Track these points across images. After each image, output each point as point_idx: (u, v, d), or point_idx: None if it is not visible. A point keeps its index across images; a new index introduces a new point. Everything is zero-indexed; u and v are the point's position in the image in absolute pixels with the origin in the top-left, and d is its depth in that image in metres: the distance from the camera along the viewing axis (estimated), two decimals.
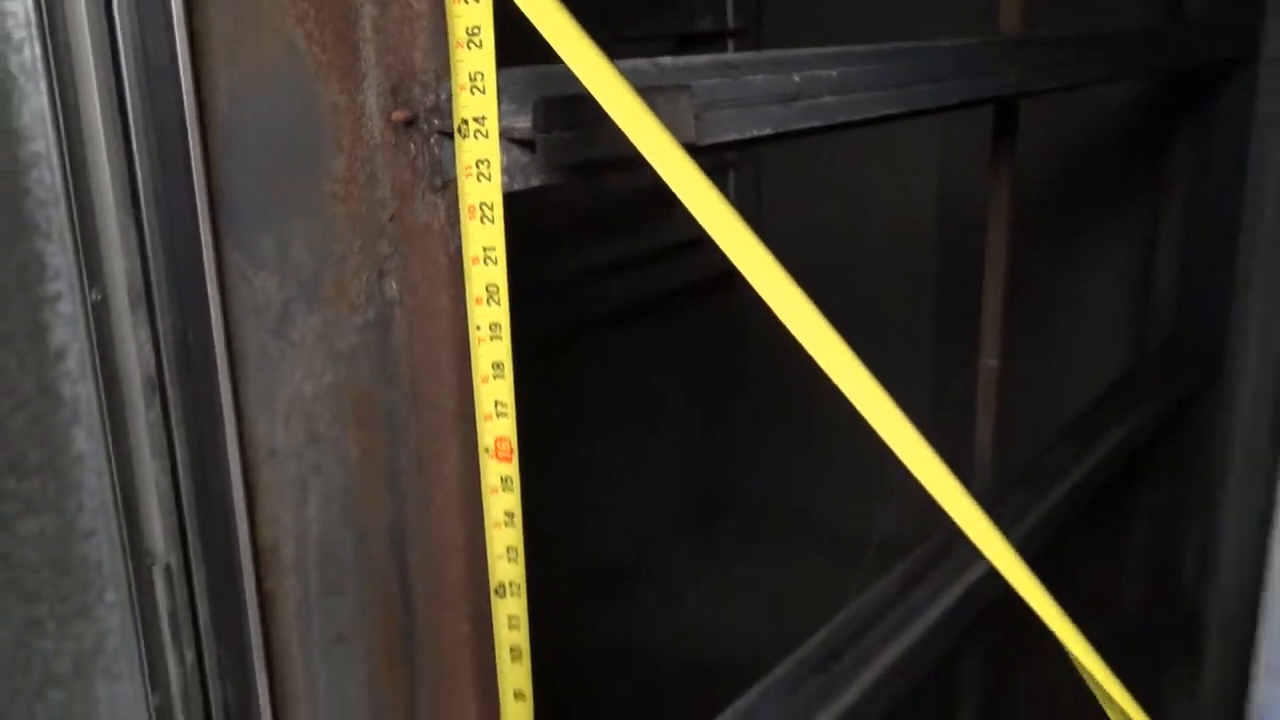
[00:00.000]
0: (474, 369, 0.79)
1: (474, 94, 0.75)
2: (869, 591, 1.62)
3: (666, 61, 0.98)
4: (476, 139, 0.75)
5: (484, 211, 0.78)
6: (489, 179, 0.77)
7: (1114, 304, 2.80)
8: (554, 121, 0.80)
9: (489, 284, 0.79)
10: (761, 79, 1.02)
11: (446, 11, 0.78)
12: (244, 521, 0.87)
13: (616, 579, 3.05)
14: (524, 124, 0.81)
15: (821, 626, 1.52)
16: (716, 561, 3.22)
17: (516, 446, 0.75)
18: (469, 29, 0.75)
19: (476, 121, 0.75)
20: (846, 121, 1.10)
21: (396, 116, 0.88)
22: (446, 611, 0.99)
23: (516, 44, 0.81)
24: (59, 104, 0.71)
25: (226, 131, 0.80)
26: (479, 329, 0.79)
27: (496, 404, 0.74)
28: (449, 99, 0.82)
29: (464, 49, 0.75)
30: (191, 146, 0.77)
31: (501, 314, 0.76)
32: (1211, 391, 2.59)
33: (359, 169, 0.89)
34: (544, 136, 0.80)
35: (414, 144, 0.88)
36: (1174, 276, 2.69)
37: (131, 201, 0.75)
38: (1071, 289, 2.79)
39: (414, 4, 0.85)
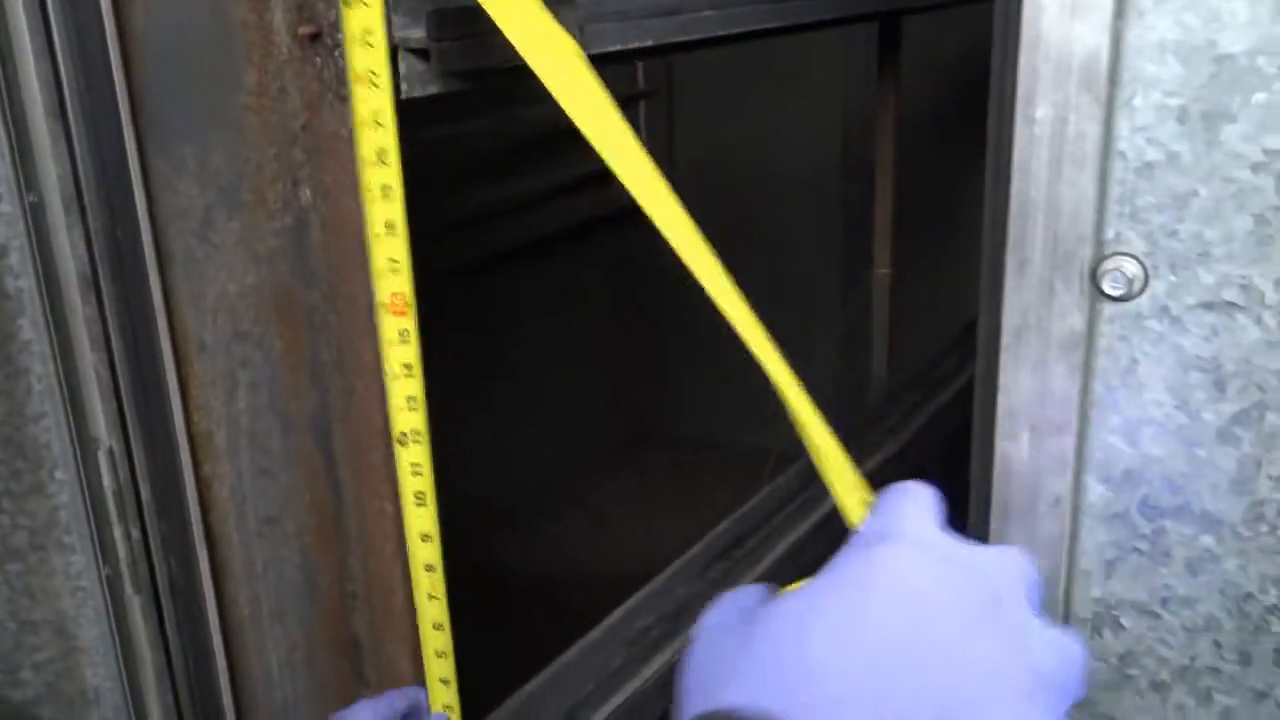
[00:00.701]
0: (369, 232, 0.86)
1: (360, 7, 0.82)
2: (769, 487, 1.73)
3: None
4: (365, 49, 0.83)
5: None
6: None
7: None
8: (446, 31, 0.88)
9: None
10: None
11: None
12: (179, 410, 0.95)
13: (537, 509, 3.15)
14: (418, 34, 0.89)
15: (725, 518, 1.64)
16: (639, 488, 3.33)
17: (413, 302, 0.84)
18: None
19: (365, 33, 0.83)
20: (726, 35, 1.19)
21: (302, 32, 0.95)
22: (371, 493, 1.08)
23: None
24: None
25: (145, 45, 0.87)
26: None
27: (390, 260, 0.82)
28: None
29: None
30: (113, 59, 0.84)
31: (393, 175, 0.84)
32: None
33: (270, 82, 0.96)
34: (436, 45, 0.88)
35: (319, 57, 0.96)
36: None
37: (59, 111, 0.82)
38: (966, 204, 2.91)
39: None
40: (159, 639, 0.94)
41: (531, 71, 0.92)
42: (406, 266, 0.82)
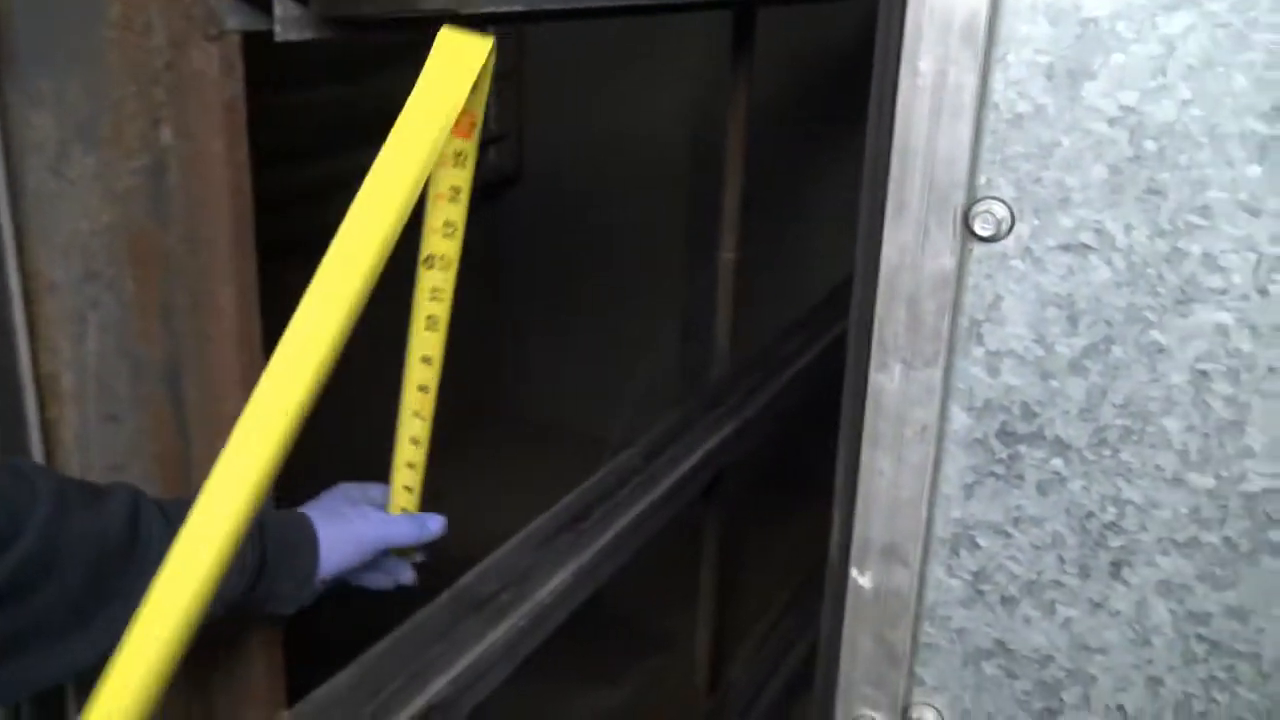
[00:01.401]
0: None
1: None
2: (613, 462, 1.76)
3: None
4: None
5: None
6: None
7: (848, 213, 3.05)
8: None
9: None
10: None
11: None
12: (25, 349, 0.91)
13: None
14: None
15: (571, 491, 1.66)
16: (475, 470, 3.32)
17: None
18: None
19: None
20: (588, 9, 1.21)
21: None
22: (222, 445, 1.06)
23: None
24: None
25: None
26: None
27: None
28: None
29: None
30: None
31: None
32: None
33: (135, 16, 0.93)
34: None
35: None
36: None
37: None
38: (811, 196, 3.02)
39: None
40: None
41: (406, 28, 0.93)
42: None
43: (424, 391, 1.10)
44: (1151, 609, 0.53)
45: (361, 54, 2.57)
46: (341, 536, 1.07)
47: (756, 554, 2.77)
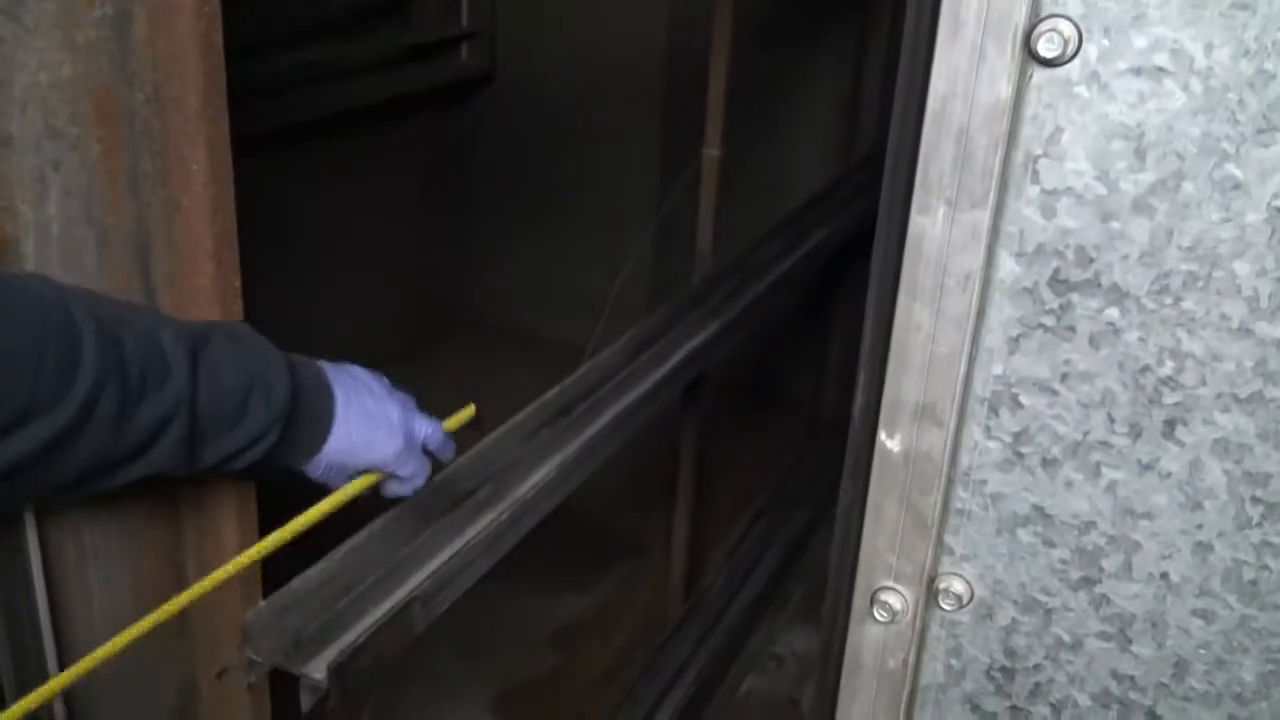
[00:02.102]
0: None
1: None
2: (597, 357, 1.72)
3: None
4: None
5: None
6: None
7: (827, 120, 2.99)
8: None
9: None
10: None
11: None
12: None
13: None
14: None
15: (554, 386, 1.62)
16: (448, 372, 3.28)
17: None
18: None
19: None
20: None
21: None
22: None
23: None
24: None
25: None
26: None
27: None
28: None
29: None
30: None
31: None
32: None
33: None
34: None
35: None
36: (877, 101, 2.89)
37: None
38: (792, 102, 2.96)
39: None
40: None
41: None
42: None
43: None
44: (1206, 470, 0.50)
45: None
46: (365, 411, 1.01)
47: (726, 467, 2.76)
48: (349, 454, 1.01)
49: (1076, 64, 0.47)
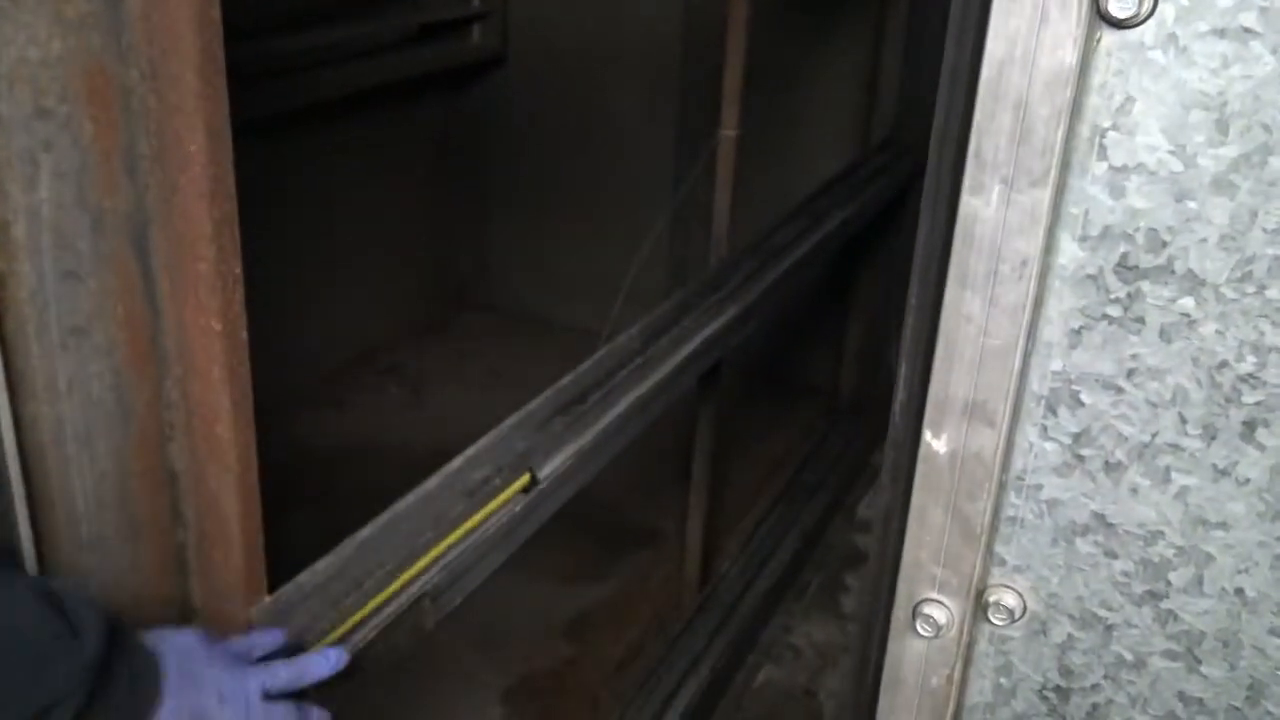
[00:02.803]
0: None
1: None
2: (610, 345, 1.68)
3: None
4: None
5: None
6: None
7: (845, 101, 2.93)
8: None
9: None
10: None
11: None
12: None
13: (357, 377, 3.04)
14: None
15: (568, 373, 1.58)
16: (459, 359, 3.24)
17: None
18: None
19: None
20: None
21: None
22: (194, 308, 0.97)
23: None
24: None
25: None
26: None
27: None
28: None
29: None
30: None
31: None
32: (918, 193, 2.79)
33: None
34: None
35: None
36: (896, 81, 2.84)
37: None
38: (810, 87, 2.90)
39: None
40: None
41: None
42: None
43: None
44: None
45: None
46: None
47: (740, 453, 2.72)
48: None
49: (1151, 25, 0.42)
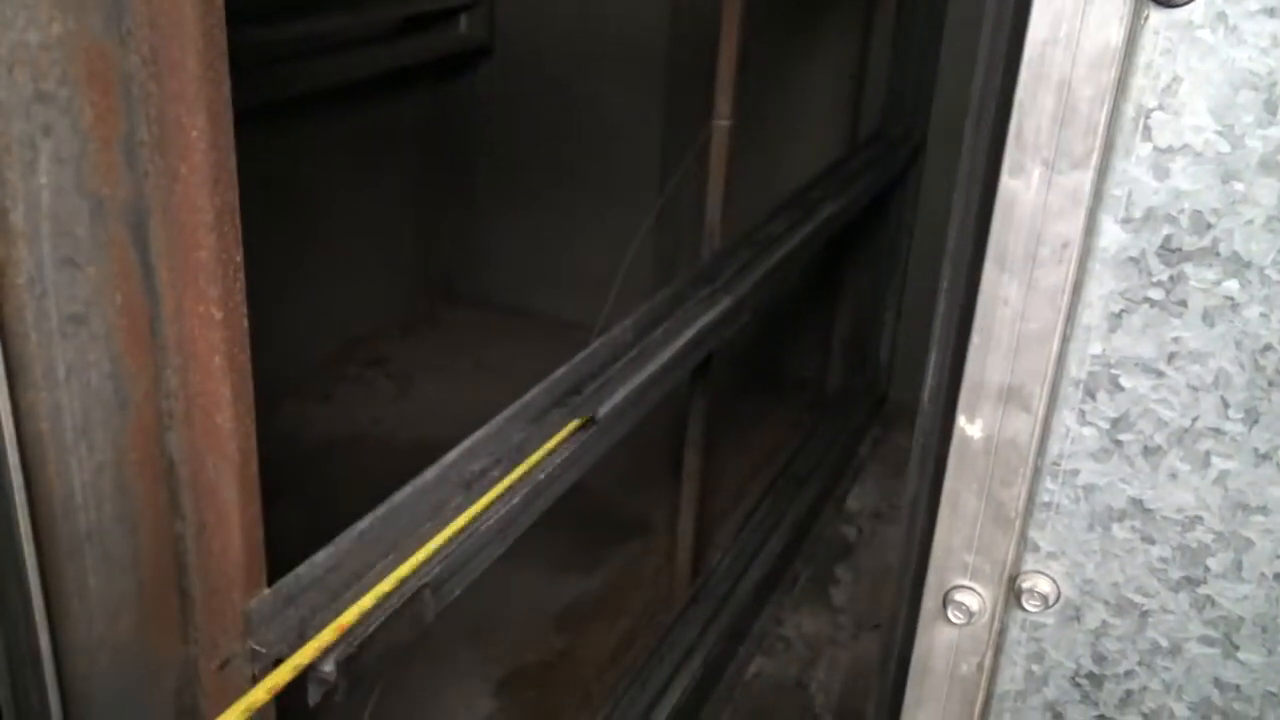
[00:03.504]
0: None
1: None
2: (606, 336, 1.67)
3: None
4: None
5: None
6: None
7: (833, 97, 2.93)
8: None
9: None
10: None
11: None
12: None
13: (344, 369, 3.02)
14: None
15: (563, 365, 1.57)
16: (447, 347, 3.23)
17: None
18: None
19: None
20: None
21: None
22: (193, 296, 0.96)
23: None
24: None
25: None
26: None
27: None
28: None
29: None
30: None
31: None
32: (906, 188, 2.81)
33: None
34: None
35: None
36: (883, 78, 2.84)
37: None
38: (798, 79, 2.90)
39: None
40: None
41: None
42: None
43: None
44: None
45: None
46: None
47: (731, 445, 2.72)
48: None
49: (1200, 4, 0.42)
